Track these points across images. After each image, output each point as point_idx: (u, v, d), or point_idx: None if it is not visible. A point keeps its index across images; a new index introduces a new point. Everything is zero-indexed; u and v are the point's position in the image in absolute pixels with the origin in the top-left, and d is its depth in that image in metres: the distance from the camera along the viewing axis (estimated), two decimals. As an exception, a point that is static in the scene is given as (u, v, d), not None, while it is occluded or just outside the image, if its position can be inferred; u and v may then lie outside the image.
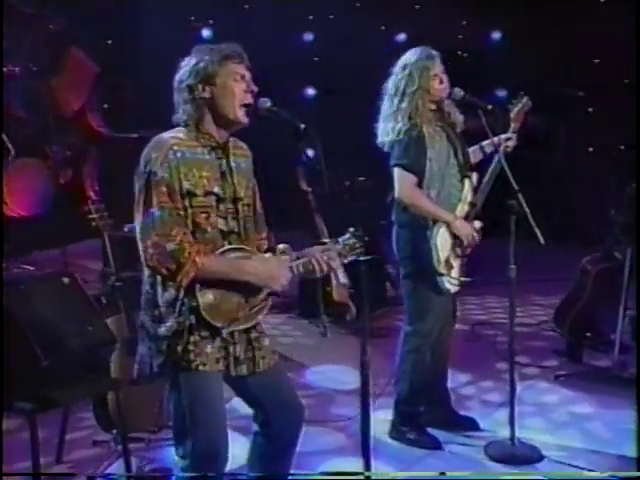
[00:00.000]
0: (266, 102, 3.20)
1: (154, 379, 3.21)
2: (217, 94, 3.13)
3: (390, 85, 4.47)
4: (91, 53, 9.17)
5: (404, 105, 4.40)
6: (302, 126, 3.14)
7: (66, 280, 4.30)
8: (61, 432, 4.29)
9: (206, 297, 3.03)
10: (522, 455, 4.44)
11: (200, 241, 3.06)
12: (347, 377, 5.42)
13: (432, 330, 4.60)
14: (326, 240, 3.34)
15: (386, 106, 4.48)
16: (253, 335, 3.24)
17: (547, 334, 6.35)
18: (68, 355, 4.07)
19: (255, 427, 3.40)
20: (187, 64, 3.16)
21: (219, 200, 3.14)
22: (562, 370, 5.61)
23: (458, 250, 4.51)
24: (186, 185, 3.05)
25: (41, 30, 8.85)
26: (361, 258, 3.37)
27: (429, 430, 4.67)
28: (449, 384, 4.97)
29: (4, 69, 8.39)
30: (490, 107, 4.42)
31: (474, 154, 4.68)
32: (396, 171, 4.44)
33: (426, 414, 4.76)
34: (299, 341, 6.39)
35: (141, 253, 3.01)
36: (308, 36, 10.35)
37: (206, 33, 9.83)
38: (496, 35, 9.78)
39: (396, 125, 4.42)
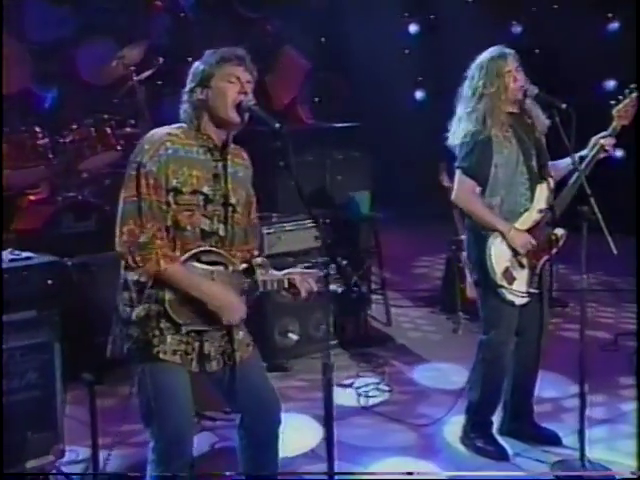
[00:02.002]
0: (250, 100, 3.16)
1: (125, 362, 3.25)
2: (211, 96, 3.13)
3: (466, 87, 4.22)
4: (304, 51, 9.45)
5: (480, 106, 4.13)
6: (277, 125, 3.07)
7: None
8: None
9: (173, 293, 3.05)
10: (590, 477, 4.07)
11: (176, 239, 3.08)
12: (457, 376, 5.19)
13: (506, 341, 4.30)
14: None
15: (461, 108, 4.23)
16: (225, 330, 3.21)
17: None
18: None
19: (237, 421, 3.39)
20: (192, 68, 3.21)
21: (207, 200, 3.14)
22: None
23: (523, 261, 4.19)
24: (173, 182, 3.07)
25: (259, 31, 9.30)
26: (338, 290, 3.34)
27: (501, 440, 4.39)
28: (555, 393, 4.77)
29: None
30: (564, 106, 4.04)
31: (564, 166, 4.29)
32: (457, 174, 4.21)
33: (505, 424, 4.51)
34: (428, 336, 6.22)
35: (116, 236, 3.06)
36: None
37: (413, 28, 9.76)
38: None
39: (468, 126, 4.17)
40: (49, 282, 3.89)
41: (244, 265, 3.27)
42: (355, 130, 7.01)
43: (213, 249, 3.15)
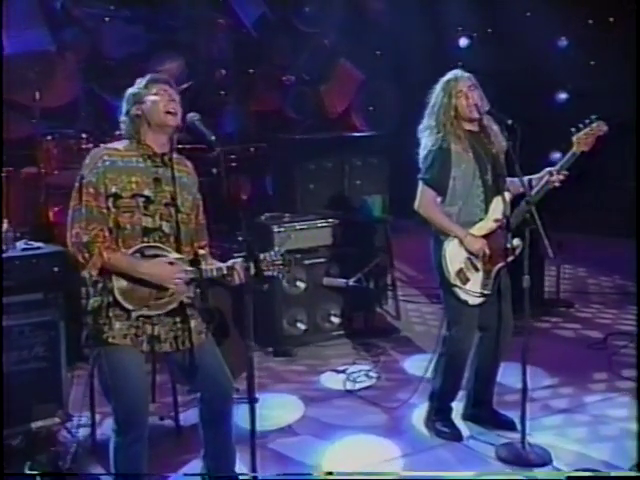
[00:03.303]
0: (194, 116, 3.52)
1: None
2: (146, 108, 3.51)
3: (428, 106, 4.49)
4: (359, 63, 9.76)
5: (432, 122, 4.40)
6: (213, 138, 3.44)
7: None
8: (153, 373, 4.90)
9: (120, 282, 3.43)
10: (528, 458, 4.22)
11: (118, 237, 3.44)
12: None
13: (465, 338, 4.51)
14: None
15: (423, 125, 4.49)
16: (178, 318, 3.56)
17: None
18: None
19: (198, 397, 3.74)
20: (125, 96, 3.60)
21: (149, 201, 3.49)
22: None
23: (478, 264, 4.40)
24: (112, 189, 3.44)
25: (316, 45, 9.68)
26: (279, 275, 3.65)
27: (460, 424, 4.63)
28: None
29: (282, 78, 9.40)
30: (510, 122, 4.24)
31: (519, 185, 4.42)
32: (419, 185, 4.45)
33: (468, 409, 4.73)
34: (432, 330, 6.36)
35: (67, 239, 3.47)
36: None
37: (464, 42, 9.91)
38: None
39: (428, 142, 4.43)
40: (55, 269, 4.38)
41: (190, 257, 3.60)
42: (373, 139, 7.27)
43: (155, 244, 3.50)
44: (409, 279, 7.37)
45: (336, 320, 6.09)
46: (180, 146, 6.75)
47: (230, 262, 3.62)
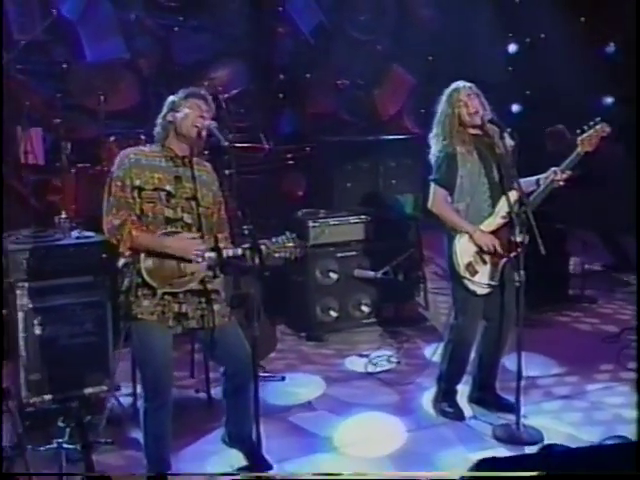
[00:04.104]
0: (212, 123, 3.95)
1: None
2: (178, 117, 3.97)
3: (436, 114, 4.80)
4: (411, 68, 10.02)
5: (439, 130, 4.71)
6: (225, 143, 3.88)
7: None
8: (191, 352, 5.35)
9: (147, 263, 3.87)
10: (521, 438, 4.49)
11: (143, 223, 3.88)
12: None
13: (470, 326, 4.80)
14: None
15: (432, 130, 4.81)
16: (203, 299, 3.99)
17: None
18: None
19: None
20: (167, 100, 4.06)
21: (170, 195, 3.93)
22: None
23: (486, 258, 4.68)
24: (137, 182, 3.90)
25: (370, 51, 9.99)
26: (290, 256, 4.01)
27: (463, 405, 4.92)
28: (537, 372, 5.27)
29: (337, 82, 9.75)
30: (509, 130, 4.52)
31: (528, 184, 4.70)
32: (431, 185, 4.76)
33: (473, 393, 5.02)
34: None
35: (104, 226, 3.94)
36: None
37: (513, 48, 10.08)
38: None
39: (435, 146, 4.75)
40: (103, 256, 4.86)
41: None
42: (407, 141, 7.54)
43: (177, 230, 3.93)
44: (442, 273, 7.64)
45: (366, 309, 6.43)
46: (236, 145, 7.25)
47: (245, 246, 4.01)
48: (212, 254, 3.97)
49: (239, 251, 3.96)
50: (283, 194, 8.25)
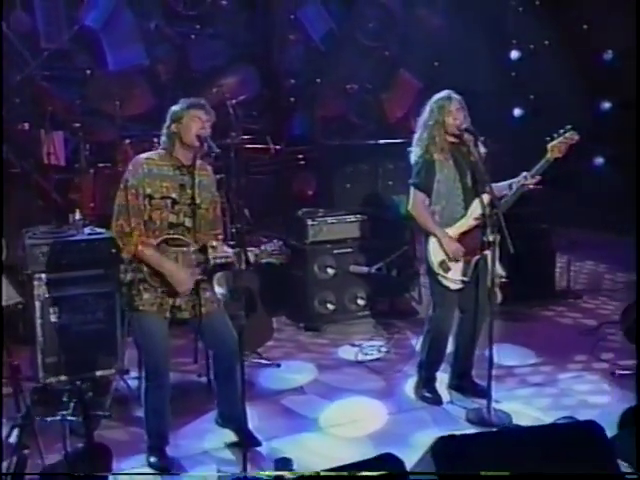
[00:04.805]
0: (207, 133, 4.29)
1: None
2: (181, 128, 4.30)
3: (419, 118, 5.12)
4: (417, 73, 10.32)
5: (424, 135, 5.03)
6: (218, 150, 4.26)
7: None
8: (195, 340, 5.67)
9: (148, 267, 4.23)
10: (491, 420, 4.78)
11: (149, 229, 4.23)
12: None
13: (446, 317, 5.12)
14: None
15: (416, 135, 5.13)
16: (194, 291, 4.32)
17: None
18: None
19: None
20: (170, 111, 4.38)
21: (174, 202, 4.28)
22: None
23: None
24: (148, 190, 4.24)
25: (378, 57, 10.32)
26: (276, 262, 4.39)
27: (442, 391, 5.25)
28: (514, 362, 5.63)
29: (346, 87, 10.10)
30: (483, 139, 4.84)
31: (501, 188, 4.99)
32: (411, 189, 5.09)
33: (452, 380, 5.35)
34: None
35: (112, 228, 4.31)
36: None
37: (515, 54, 10.34)
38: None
39: (418, 151, 5.07)
40: (113, 250, 5.24)
41: (199, 246, 4.34)
42: (404, 145, 7.82)
43: (178, 237, 4.28)
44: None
45: (362, 302, 6.77)
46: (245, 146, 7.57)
47: (235, 250, 4.38)
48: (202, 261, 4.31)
49: (230, 253, 4.31)
50: (287, 194, 8.59)
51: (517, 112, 10.51)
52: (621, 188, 9.21)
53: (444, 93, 5.06)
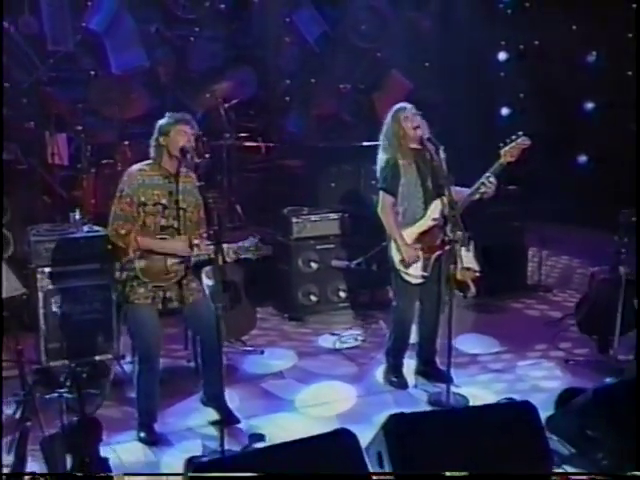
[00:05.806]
0: (191, 145, 4.85)
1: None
2: (169, 142, 4.87)
3: (383, 128, 5.66)
4: (408, 73, 10.84)
5: (386, 142, 5.57)
6: (198, 160, 4.89)
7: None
8: (185, 330, 6.26)
9: (140, 263, 4.84)
10: (449, 403, 5.30)
11: (144, 232, 4.81)
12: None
13: (408, 308, 5.67)
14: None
15: (381, 143, 5.67)
16: (183, 282, 4.94)
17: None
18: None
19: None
20: (157, 124, 4.95)
21: (165, 208, 4.88)
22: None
23: (419, 252, 5.54)
24: (142, 199, 4.84)
25: (370, 58, 10.84)
26: (252, 257, 4.94)
27: (408, 376, 5.80)
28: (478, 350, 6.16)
29: (339, 87, 10.63)
30: (442, 147, 5.36)
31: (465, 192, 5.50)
32: (380, 192, 5.64)
33: (418, 366, 5.91)
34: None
35: (108, 231, 4.92)
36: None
37: (502, 56, 10.85)
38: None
39: (383, 157, 5.61)
40: (109, 247, 5.82)
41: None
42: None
43: (168, 237, 4.88)
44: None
45: (343, 294, 7.33)
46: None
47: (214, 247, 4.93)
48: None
49: (211, 250, 4.85)
50: (276, 191, 9.12)
51: (505, 111, 11.00)
52: (605, 185, 9.73)
53: (399, 104, 5.58)
